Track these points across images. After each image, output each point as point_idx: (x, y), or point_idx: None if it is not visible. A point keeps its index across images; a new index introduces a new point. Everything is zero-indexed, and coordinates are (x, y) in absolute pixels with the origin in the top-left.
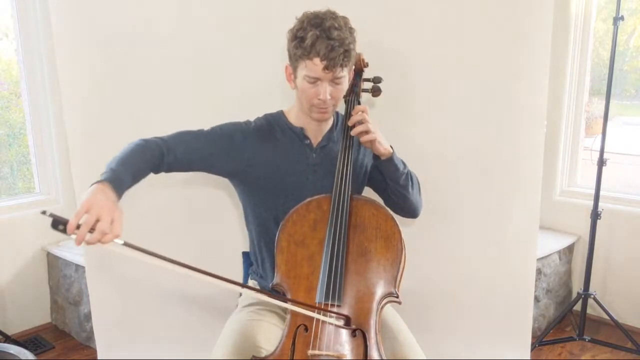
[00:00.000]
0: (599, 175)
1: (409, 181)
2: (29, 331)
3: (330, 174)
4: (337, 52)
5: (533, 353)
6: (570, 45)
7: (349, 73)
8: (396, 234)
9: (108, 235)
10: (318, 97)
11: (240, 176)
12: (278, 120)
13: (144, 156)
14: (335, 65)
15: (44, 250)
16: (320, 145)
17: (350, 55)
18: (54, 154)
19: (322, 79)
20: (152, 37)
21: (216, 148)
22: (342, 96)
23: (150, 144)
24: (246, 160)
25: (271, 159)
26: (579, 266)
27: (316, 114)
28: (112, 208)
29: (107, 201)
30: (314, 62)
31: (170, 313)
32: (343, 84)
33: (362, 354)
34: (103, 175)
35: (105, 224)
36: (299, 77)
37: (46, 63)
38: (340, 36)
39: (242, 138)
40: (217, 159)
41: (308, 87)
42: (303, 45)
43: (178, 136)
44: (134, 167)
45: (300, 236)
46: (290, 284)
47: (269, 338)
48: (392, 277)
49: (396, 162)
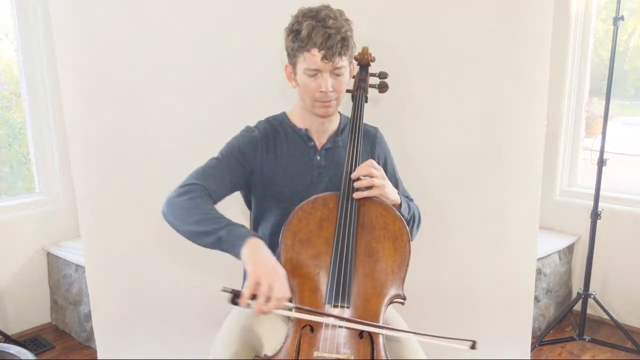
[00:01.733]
0: (599, 175)
1: (410, 223)
2: (29, 331)
3: (336, 177)
4: (335, 40)
5: (533, 353)
6: (570, 45)
7: (349, 64)
8: (404, 235)
9: (282, 302)
10: (320, 89)
11: (255, 183)
12: (281, 123)
13: (210, 203)
14: (333, 54)
15: (44, 250)
16: (325, 148)
17: (348, 44)
18: (54, 154)
19: (322, 70)
20: (152, 37)
21: (235, 170)
22: (344, 89)
23: (199, 192)
24: (257, 169)
25: (277, 163)
26: (579, 266)
27: (319, 109)
28: (277, 272)
29: (269, 265)
30: (312, 53)
31: (170, 313)
32: (344, 74)
33: (369, 355)
34: (233, 235)
35: (278, 292)
36: (299, 73)
37: (46, 63)
38: (336, 24)
39: (252, 149)
40: (239, 179)
41: (309, 80)
42: (300, 38)
43: (201, 175)
44: (221, 214)
45: (305, 234)
46: (294, 284)
47: (272, 333)
48: (399, 278)
49: (402, 212)
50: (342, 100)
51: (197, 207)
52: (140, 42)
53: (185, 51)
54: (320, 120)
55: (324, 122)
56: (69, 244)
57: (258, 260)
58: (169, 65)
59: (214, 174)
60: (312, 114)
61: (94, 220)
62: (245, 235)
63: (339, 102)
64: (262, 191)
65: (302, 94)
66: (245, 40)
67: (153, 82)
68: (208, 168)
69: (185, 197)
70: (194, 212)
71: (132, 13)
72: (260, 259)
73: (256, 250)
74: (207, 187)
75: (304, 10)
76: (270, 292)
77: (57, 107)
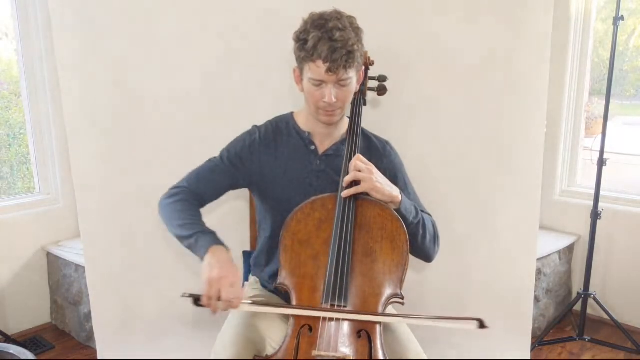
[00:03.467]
0: (599, 175)
1: (419, 230)
2: (29, 331)
3: (335, 183)
4: (340, 54)
5: (533, 353)
6: (570, 45)
7: (357, 74)
8: (402, 235)
9: (234, 302)
10: (323, 99)
11: (255, 185)
12: (287, 124)
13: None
14: (338, 68)
15: (44, 250)
16: (327, 154)
17: (354, 57)
18: (54, 154)
19: (327, 82)
20: (153, 37)
21: (230, 175)
22: (349, 99)
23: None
24: (256, 170)
25: (277, 164)
26: (579, 266)
27: (323, 117)
28: (228, 275)
29: (222, 270)
30: (317, 64)
31: (170, 313)
32: (349, 85)
33: (367, 354)
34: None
35: (225, 295)
36: (304, 80)
37: (46, 63)
38: (343, 37)
39: (249, 153)
40: (234, 182)
41: (313, 89)
42: (306, 48)
43: (195, 178)
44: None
45: (304, 235)
46: (294, 284)
47: (272, 332)
48: (397, 278)
49: (404, 212)
50: (346, 108)
51: (180, 211)
52: (140, 42)
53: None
54: (324, 127)
55: (329, 128)
56: (69, 244)
57: (211, 267)
58: (171, 65)
59: (207, 177)
60: (315, 121)
61: (94, 220)
62: (209, 243)
63: (344, 111)
64: (262, 193)
65: (307, 100)
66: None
67: (154, 82)
68: (202, 171)
69: (172, 200)
70: (177, 217)
71: (131, 13)
72: (214, 266)
73: (213, 258)
74: (196, 191)
75: (314, 17)
76: (220, 295)
77: (57, 107)
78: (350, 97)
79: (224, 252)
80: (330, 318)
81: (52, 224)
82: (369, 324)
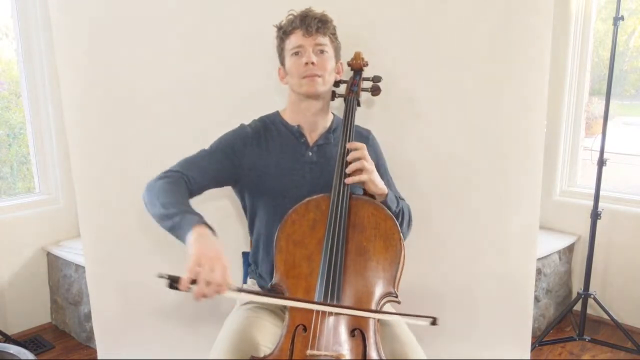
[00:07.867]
0: (599, 175)
1: (399, 218)
2: (29, 331)
3: (328, 173)
4: (312, 19)
5: (533, 353)
6: (570, 45)
7: (333, 48)
8: (395, 234)
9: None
10: (304, 63)
11: (244, 181)
12: (274, 120)
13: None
14: (312, 30)
15: (44, 250)
16: (317, 144)
17: (327, 26)
18: (54, 154)
19: (305, 45)
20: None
21: (222, 163)
22: (329, 68)
23: (176, 178)
24: (247, 165)
25: (269, 159)
26: (579, 266)
27: (305, 86)
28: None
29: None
30: (294, 34)
31: (170, 313)
32: (327, 53)
33: (361, 354)
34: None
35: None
36: (287, 62)
37: (46, 63)
38: (315, 13)
39: (242, 145)
40: (225, 173)
41: (294, 60)
42: (283, 29)
43: (186, 163)
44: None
45: (299, 236)
46: (289, 284)
47: (268, 336)
48: (391, 276)
49: (389, 204)
50: (328, 82)
51: (167, 191)
52: (140, 41)
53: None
54: (311, 113)
55: (315, 117)
56: (69, 244)
57: (201, 244)
58: (172, 65)
59: (199, 163)
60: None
61: (94, 220)
62: (196, 221)
63: (325, 83)
64: (254, 187)
65: (291, 81)
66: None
67: (155, 82)
68: (195, 158)
69: (161, 181)
70: (162, 196)
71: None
72: (204, 243)
73: (201, 236)
74: (187, 176)
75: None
76: (211, 275)
77: (57, 107)
78: (329, 66)
79: (211, 234)
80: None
81: (52, 224)
82: (363, 322)
